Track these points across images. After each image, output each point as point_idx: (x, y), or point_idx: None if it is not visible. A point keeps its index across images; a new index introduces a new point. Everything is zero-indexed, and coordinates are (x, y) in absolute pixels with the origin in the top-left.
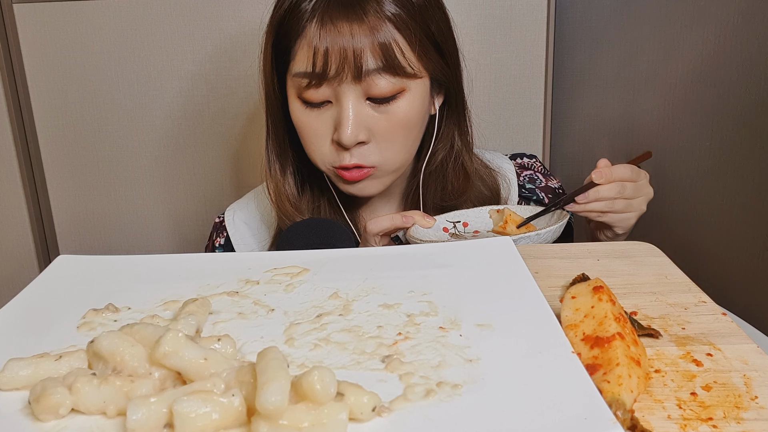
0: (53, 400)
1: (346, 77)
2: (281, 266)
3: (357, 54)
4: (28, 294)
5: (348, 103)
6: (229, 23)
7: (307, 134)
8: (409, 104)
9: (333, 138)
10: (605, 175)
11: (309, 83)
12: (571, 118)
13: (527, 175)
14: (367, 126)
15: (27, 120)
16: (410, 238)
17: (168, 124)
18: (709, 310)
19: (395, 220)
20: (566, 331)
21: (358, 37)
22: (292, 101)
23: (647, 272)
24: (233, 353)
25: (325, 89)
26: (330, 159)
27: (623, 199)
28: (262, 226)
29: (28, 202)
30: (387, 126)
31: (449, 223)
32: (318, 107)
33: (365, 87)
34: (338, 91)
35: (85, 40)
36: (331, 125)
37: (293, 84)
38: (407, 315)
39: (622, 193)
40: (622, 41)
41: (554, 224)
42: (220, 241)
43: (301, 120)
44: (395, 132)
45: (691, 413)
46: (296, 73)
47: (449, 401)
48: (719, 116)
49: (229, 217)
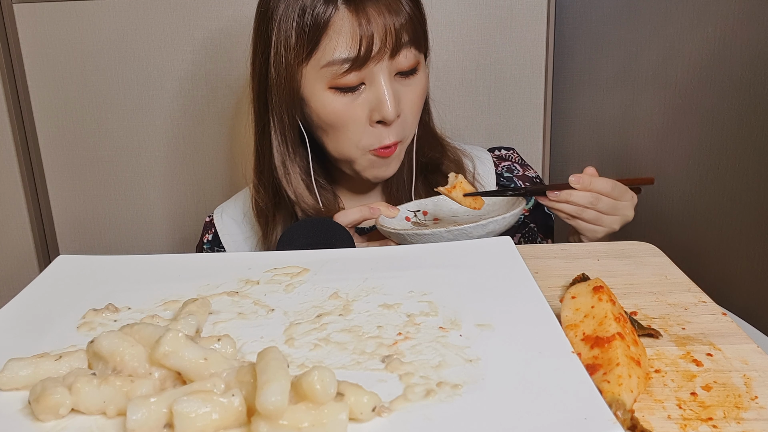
0: (53, 400)
1: (385, 55)
2: (281, 266)
3: (396, 31)
4: (27, 294)
5: (385, 81)
6: (229, 23)
7: (345, 121)
8: (425, 75)
9: (371, 119)
10: (583, 182)
11: (351, 67)
12: (572, 118)
13: (505, 166)
14: (399, 101)
15: (27, 120)
16: (379, 228)
17: (168, 124)
18: (709, 310)
19: (363, 212)
20: (566, 331)
21: (390, 16)
22: (321, 93)
23: (647, 272)
24: (233, 353)
25: (358, 73)
26: (367, 142)
27: (595, 210)
28: (249, 222)
29: (28, 202)
30: (413, 98)
31: (410, 213)
32: (353, 92)
33: (395, 63)
34: (373, 72)
35: (85, 40)
36: (367, 108)
37: (321, 76)
38: (407, 315)
39: (595, 204)
40: (622, 41)
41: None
42: (208, 237)
43: (338, 109)
44: (418, 103)
45: (691, 413)
46: (333, 60)
47: (449, 401)
48: (720, 116)
49: (218, 215)
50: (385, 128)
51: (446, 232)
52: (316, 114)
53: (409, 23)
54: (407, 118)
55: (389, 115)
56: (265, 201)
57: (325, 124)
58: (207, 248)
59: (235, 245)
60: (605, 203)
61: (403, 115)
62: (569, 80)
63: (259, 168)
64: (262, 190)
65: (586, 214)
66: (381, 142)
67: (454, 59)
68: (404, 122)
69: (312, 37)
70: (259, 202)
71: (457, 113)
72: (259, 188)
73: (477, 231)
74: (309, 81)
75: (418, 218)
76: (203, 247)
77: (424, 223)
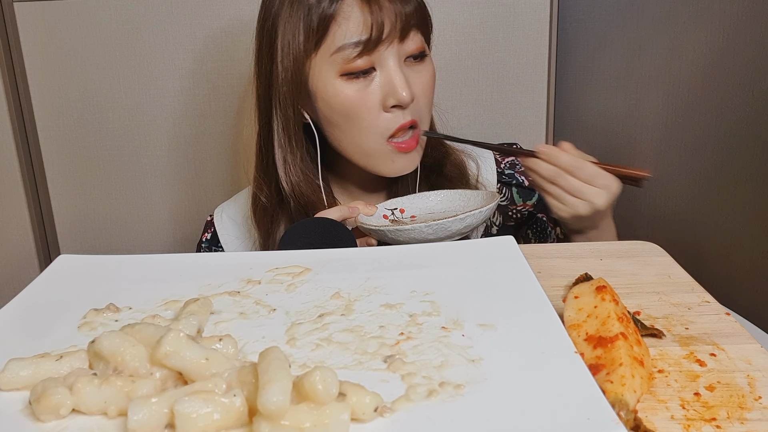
0: (54, 400)
1: (395, 38)
2: (283, 266)
3: (406, 15)
4: (28, 294)
5: (395, 64)
6: (231, 22)
7: (358, 109)
8: (432, 64)
9: (385, 105)
10: (547, 153)
11: (362, 50)
12: (575, 117)
13: (508, 162)
14: (411, 85)
15: (27, 119)
16: (359, 225)
17: (169, 123)
18: (712, 310)
19: (342, 211)
20: (569, 331)
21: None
22: (332, 81)
23: (650, 272)
24: (235, 353)
25: (369, 57)
26: (384, 127)
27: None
28: (247, 224)
29: (28, 202)
30: (422, 83)
31: (387, 211)
32: (364, 77)
33: (404, 48)
34: (383, 56)
35: (86, 39)
36: (380, 93)
37: (332, 63)
38: (409, 315)
39: (556, 179)
40: (625, 39)
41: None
42: (207, 236)
43: (351, 96)
44: (428, 90)
45: (694, 413)
46: (344, 44)
47: (452, 401)
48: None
49: (218, 215)
50: (401, 111)
51: (426, 227)
52: (327, 106)
53: (417, 9)
54: (420, 103)
55: (404, 98)
56: (268, 198)
57: (338, 115)
58: (205, 247)
59: (233, 246)
60: (568, 182)
61: (417, 99)
62: (572, 79)
63: (261, 166)
64: (265, 188)
65: (549, 188)
66: (397, 123)
67: (457, 58)
68: (418, 107)
69: (321, 27)
70: (262, 199)
71: (460, 112)
72: (262, 186)
73: (455, 225)
74: (318, 72)
75: (396, 216)
76: (202, 245)
77: (402, 221)
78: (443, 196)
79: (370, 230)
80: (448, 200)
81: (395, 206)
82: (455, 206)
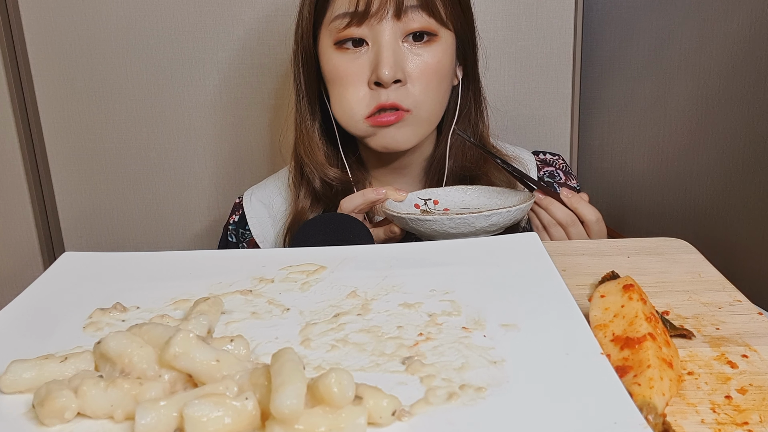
0: (58, 403)
1: (387, 14)
2: (296, 263)
3: None
4: (32, 293)
5: (386, 41)
6: (242, 9)
7: (344, 78)
8: (442, 51)
9: (370, 80)
10: (571, 200)
11: (350, 22)
12: (600, 108)
13: (548, 171)
14: (404, 66)
15: (31, 111)
16: (385, 211)
17: (178, 115)
18: (744, 310)
19: (367, 195)
20: (595, 331)
21: None
22: (327, 52)
23: (680, 270)
24: (246, 355)
25: (363, 29)
26: (365, 103)
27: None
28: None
29: (32, 197)
30: (422, 67)
31: (420, 200)
32: (354, 49)
33: (403, 26)
34: (376, 31)
35: (91, 29)
36: (367, 68)
37: (329, 32)
38: (428, 315)
39: (567, 226)
40: (653, 27)
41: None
42: (234, 218)
43: (339, 65)
44: (430, 76)
45: (725, 417)
46: (337, 15)
47: (473, 405)
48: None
49: (247, 197)
50: (384, 91)
51: (448, 220)
52: (324, 74)
53: None
54: (414, 87)
55: (385, 75)
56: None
57: (329, 83)
58: (232, 229)
59: (260, 228)
60: (578, 231)
61: (410, 82)
62: (598, 68)
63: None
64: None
65: (554, 231)
66: (378, 100)
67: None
68: (408, 91)
69: None
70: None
71: None
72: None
73: (479, 222)
74: (322, 41)
75: (428, 207)
76: (229, 228)
77: (433, 212)
78: (480, 192)
79: (393, 216)
80: (486, 196)
81: (429, 197)
82: (491, 203)
